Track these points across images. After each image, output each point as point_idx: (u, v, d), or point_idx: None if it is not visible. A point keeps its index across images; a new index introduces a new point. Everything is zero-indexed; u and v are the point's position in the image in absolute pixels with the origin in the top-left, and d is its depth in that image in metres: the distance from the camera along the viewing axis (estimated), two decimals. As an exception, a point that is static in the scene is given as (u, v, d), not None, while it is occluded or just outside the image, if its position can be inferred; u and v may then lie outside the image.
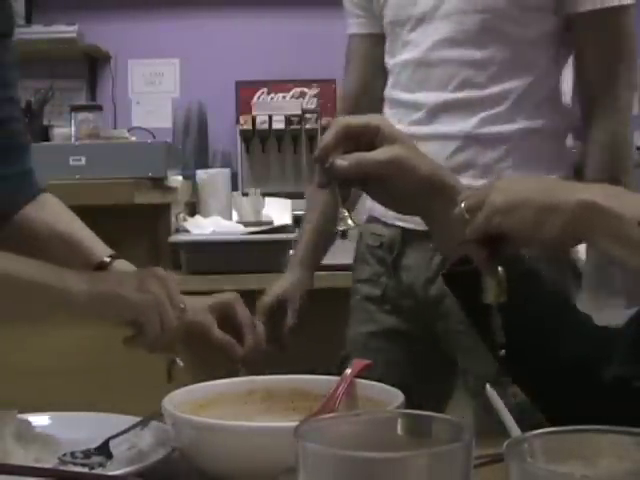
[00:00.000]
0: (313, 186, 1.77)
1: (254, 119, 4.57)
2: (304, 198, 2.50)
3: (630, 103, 1.58)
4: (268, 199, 2.84)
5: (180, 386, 1.00)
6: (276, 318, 1.70)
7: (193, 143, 3.96)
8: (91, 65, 5.11)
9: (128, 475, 0.88)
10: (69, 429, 1.03)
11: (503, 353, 0.87)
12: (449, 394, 1.74)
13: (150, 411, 1.03)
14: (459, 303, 1.02)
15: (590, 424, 0.57)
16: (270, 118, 4.57)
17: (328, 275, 2.30)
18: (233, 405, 1.01)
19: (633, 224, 0.75)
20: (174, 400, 0.95)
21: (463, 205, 0.85)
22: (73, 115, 2.53)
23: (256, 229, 2.41)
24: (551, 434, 0.57)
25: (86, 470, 0.93)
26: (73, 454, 0.97)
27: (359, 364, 1.01)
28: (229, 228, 2.50)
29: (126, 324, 1.09)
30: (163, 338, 1.07)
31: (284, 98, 4.99)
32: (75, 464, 0.95)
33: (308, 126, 4.61)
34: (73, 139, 2.51)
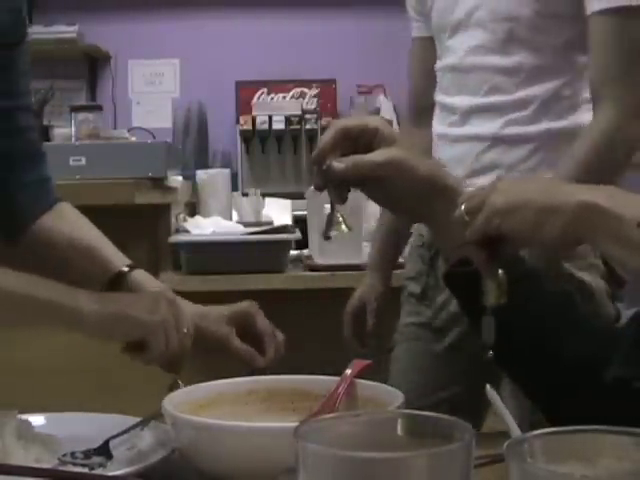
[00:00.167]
0: None
1: (254, 119, 4.57)
2: (304, 198, 2.51)
3: (613, 122, 1.49)
4: (268, 199, 2.84)
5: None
6: (360, 319, 1.85)
7: (193, 143, 3.96)
8: (91, 65, 5.11)
9: (128, 475, 0.89)
10: (69, 429, 1.03)
11: (491, 355, 0.87)
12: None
13: (150, 411, 1.03)
14: (459, 303, 1.02)
15: (590, 424, 0.57)
16: (270, 118, 4.57)
17: (328, 275, 2.30)
18: (233, 405, 1.01)
19: (633, 225, 0.75)
20: (174, 400, 0.95)
21: (463, 207, 0.85)
22: (73, 115, 2.53)
23: (256, 229, 2.41)
24: (551, 434, 0.57)
25: (86, 470, 0.93)
26: (73, 454, 0.97)
27: (359, 364, 1.01)
28: (229, 228, 2.50)
29: (132, 346, 1.10)
30: (164, 358, 1.08)
31: (284, 98, 4.99)
32: (75, 464, 0.95)
33: (308, 126, 4.61)
34: (73, 139, 2.51)
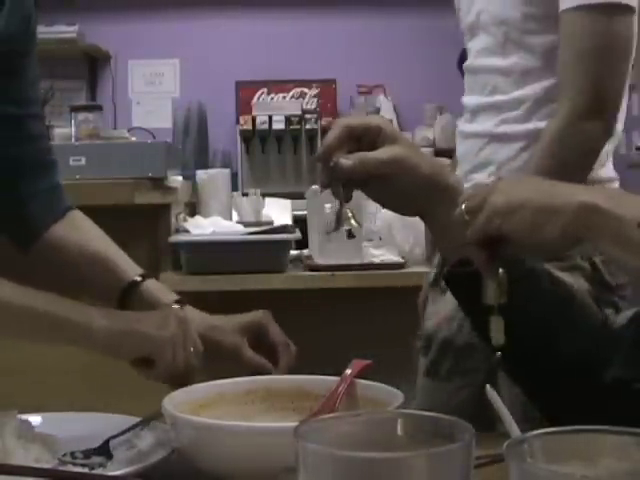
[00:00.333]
0: None
1: (254, 119, 4.58)
2: (304, 198, 2.51)
3: (567, 119, 1.50)
4: (268, 199, 2.84)
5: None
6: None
7: (193, 143, 3.96)
8: (91, 65, 5.11)
9: (128, 475, 0.89)
10: (69, 429, 1.03)
11: (499, 355, 0.87)
12: None
13: (150, 411, 1.03)
14: (460, 304, 1.02)
15: (590, 424, 0.57)
16: (270, 118, 4.57)
17: (328, 275, 2.30)
18: (233, 405, 1.01)
19: (633, 225, 0.75)
20: (174, 400, 0.95)
21: (463, 206, 0.85)
22: (73, 115, 2.53)
23: (256, 229, 2.41)
24: (551, 434, 0.57)
25: (86, 470, 0.93)
26: (73, 454, 0.97)
27: (359, 364, 1.01)
28: (229, 228, 2.50)
29: (139, 362, 1.10)
30: (170, 374, 1.08)
31: (284, 98, 4.99)
32: (75, 464, 0.95)
33: (308, 126, 4.61)
34: (73, 139, 2.51)
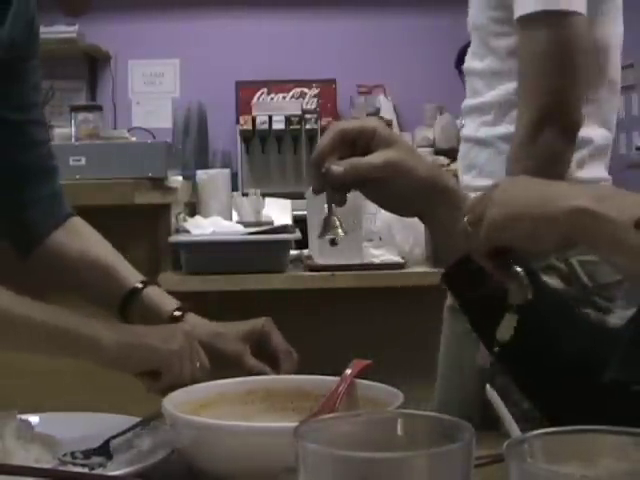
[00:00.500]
0: None
1: (254, 119, 4.57)
2: (304, 198, 2.51)
3: (528, 128, 1.49)
4: (268, 199, 2.84)
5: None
6: None
7: (193, 143, 3.96)
8: (91, 65, 5.11)
9: (128, 475, 0.89)
10: (69, 429, 1.03)
11: (497, 350, 0.87)
12: None
13: (150, 411, 1.03)
14: (458, 303, 1.02)
15: (590, 425, 0.57)
16: (270, 118, 4.57)
17: (328, 275, 2.30)
18: (233, 405, 1.01)
19: (628, 227, 0.73)
20: (174, 400, 0.95)
21: (465, 219, 0.85)
22: (73, 115, 2.52)
23: (256, 229, 2.41)
24: (551, 434, 0.57)
25: (86, 470, 0.93)
26: (73, 454, 0.97)
27: (359, 364, 1.01)
28: (229, 228, 2.50)
29: (144, 374, 1.10)
30: (175, 387, 1.06)
31: (284, 98, 4.99)
32: (75, 464, 0.95)
33: (308, 126, 4.61)
34: (73, 139, 2.51)
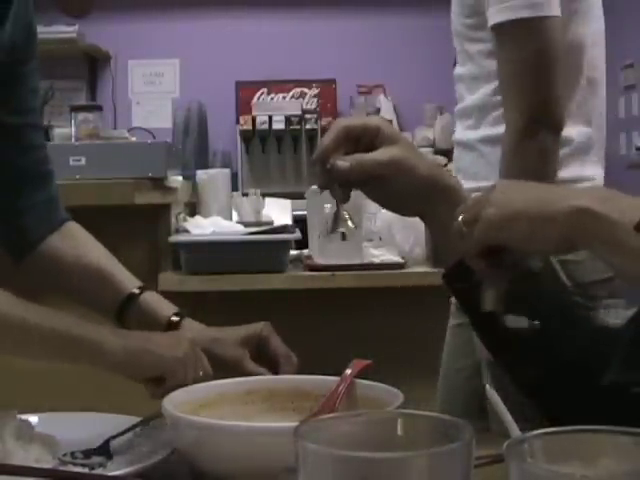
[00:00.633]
0: None
1: (254, 119, 4.58)
2: (304, 198, 2.51)
3: (514, 132, 1.53)
4: (268, 199, 2.84)
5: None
6: None
7: (193, 143, 3.95)
8: (91, 65, 5.11)
9: (128, 475, 0.89)
10: (69, 429, 1.03)
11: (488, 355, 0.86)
12: None
13: (150, 411, 1.03)
14: (459, 303, 1.02)
15: (589, 425, 0.57)
16: (270, 118, 4.57)
17: (328, 275, 2.30)
18: (233, 405, 1.01)
19: (629, 229, 0.73)
20: (174, 400, 0.94)
21: (460, 218, 0.85)
22: (73, 115, 2.52)
23: (256, 229, 2.41)
24: (551, 434, 0.57)
25: (86, 470, 0.93)
26: (73, 454, 0.97)
27: (359, 364, 1.01)
28: (229, 228, 2.50)
29: (147, 380, 1.09)
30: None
31: (284, 98, 4.99)
32: (75, 464, 0.95)
33: (308, 126, 4.61)
34: (73, 139, 2.50)
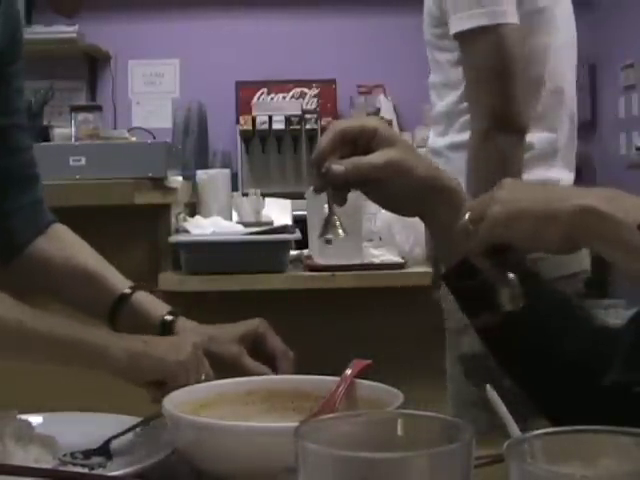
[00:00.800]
0: None
1: (254, 119, 4.58)
2: (304, 198, 2.51)
3: (477, 136, 1.58)
4: (268, 199, 2.84)
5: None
6: None
7: (193, 143, 3.95)
8: (91, 65, 5.11)
9: (128, 475, 0.89)
10: (69, 429, 1.03)
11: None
12: None
13: (150, 411, 1.03)
14: (459, 304, 1.02)
15: (590, 425, 0.57)
16: (270, 118, 4.57)
17: (328, 275, 2.30)
18: (233, 405, 1.01)
19: (633, 228, 0.74)
20: (174, 400, 0.94)
21: (466, 217, 0.85)
22: (73, 115, 2.52)
23: (256, 229, 2.41)
24: (551, 434, 0.57)
25: (86, 470, 0.93)
26: (73, 454, 0.97)
27: (359, 364, 1.01)
28: (229, 228, 2.50)
29: (149, 383, 1.09)
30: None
31: (284, 98, 4.99)
32: (75, 464, 0.95)
33: (308, 126, 4.61)
34: (73, 139, 2.51)
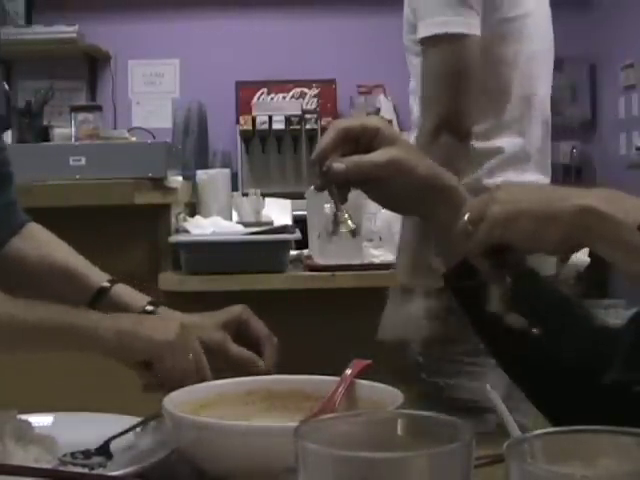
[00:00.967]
0: None
1: (254, 119, 4.58)
2: (304, 198, 2.51)
3: (424, 137, 1.60)
4: (268, 199, 2.84)
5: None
6: None
7: (193, 143, 3.95)
8: (91, 65, 5.11)
9: (128, 475, 0.89)
10: (69, 429, 1.03)
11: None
12: None
13: (150, 411, 1.03)
14: (459, 304, 1.02)
15: (590, 425, 0.57)
16: (270, 118, 4.57)
17: (328, 275, 2.30)
18: (233, 405, 1.01)
19: (633, 229, 0.74)
20: (174, 400, 0.94)
21: (466, 217, 0.85)
22: (73, 115, 2.52)
23: (256, 229, 2.41)
24: (551, 434, 0.57)
25: (86, 470, 0.93)
26: (73, 454, 0.97)
27: (359, 364, 1.01)
28: (229, 228, 2.50)
29: (138, 364, 1.09)
30: (168, 381, 1.05)
31: (284, 98, 4.99)
32: (75, 464, 0.95)
33: (308, 126, 4.61)
34: (73, 139, 2.51)
